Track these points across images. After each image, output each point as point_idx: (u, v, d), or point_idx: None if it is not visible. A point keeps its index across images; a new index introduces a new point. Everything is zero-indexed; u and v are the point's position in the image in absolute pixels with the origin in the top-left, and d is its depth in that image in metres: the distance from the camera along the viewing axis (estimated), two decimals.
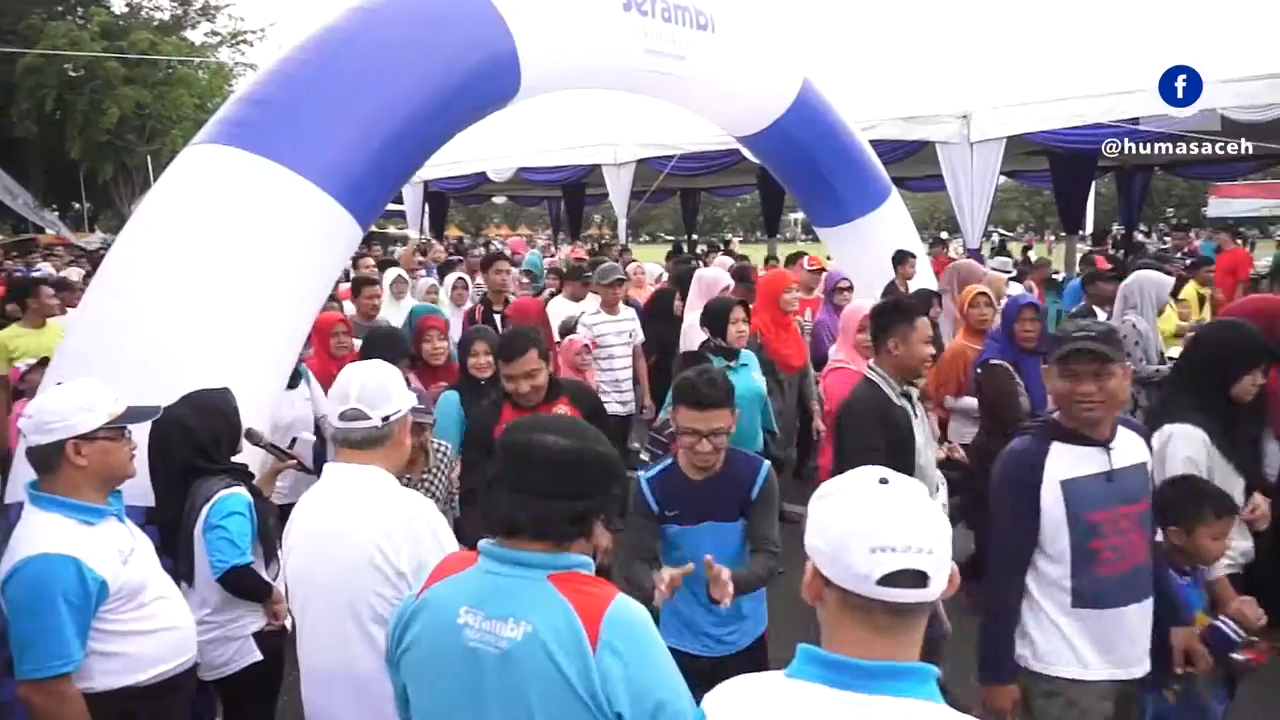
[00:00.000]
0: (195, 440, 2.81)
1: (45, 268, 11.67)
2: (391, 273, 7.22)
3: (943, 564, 1.21)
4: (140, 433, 2.67)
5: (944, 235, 21.31)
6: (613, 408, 5.61)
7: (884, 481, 1.25)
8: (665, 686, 1.59)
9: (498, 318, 6.00)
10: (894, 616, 1.21)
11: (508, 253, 10.56)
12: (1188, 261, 9.56)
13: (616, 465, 1.72)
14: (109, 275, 3.59)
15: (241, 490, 2.80)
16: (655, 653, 1.62)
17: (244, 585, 2.75)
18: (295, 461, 3.38)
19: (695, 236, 21.73)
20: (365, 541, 2.12)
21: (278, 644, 2.90)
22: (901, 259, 7.32)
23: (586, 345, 5.50)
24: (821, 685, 1.23)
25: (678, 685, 1.63)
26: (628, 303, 6.53)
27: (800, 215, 32.22)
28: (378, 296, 6.20)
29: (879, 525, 1.20)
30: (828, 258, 9.14)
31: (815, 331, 6.44)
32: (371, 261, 8.12)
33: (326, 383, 4.23)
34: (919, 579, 1.18)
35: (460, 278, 7.18)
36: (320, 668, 2.21)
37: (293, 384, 4.22)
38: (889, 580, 1.18)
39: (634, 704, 1.54)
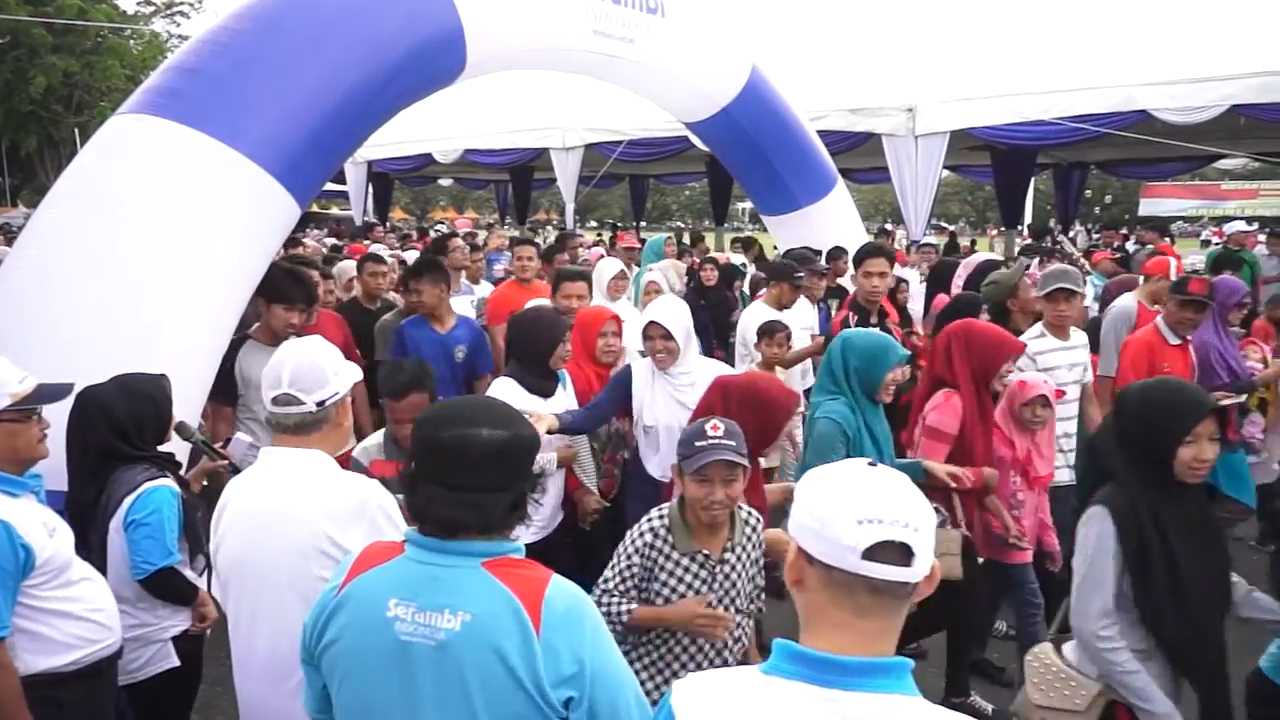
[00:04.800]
0: (115, 421, 2.66)
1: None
2: (610, 265, 5.64)
3: (927, 547, 1.20)
4: (60, 413, 2.55)
5: (889, 226, 21.68)
6: (1061, 474, 4.01)
7: (872, 464, 1.26)
8: (607, 660, 1.58)
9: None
10: (875, 596, 1.20)
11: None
12: (1117, 257, 9.84)
13: (537, 441, 1.70)
14: (26, 251, 3.42)
15: (168, 482, 2.67)
16: (597, 629, 1.61)
17: (169, 588, 2.62)
18: (226, 461, 3.24)
19: (643, 223, 21.74)
20: (308, 523, 2.04)
21: (196, 648, 2.77)
22: (836, 255, 6.81)
23: (1041, 396, 3.68)
24: (800, 683, 1.20)
25: (620, 663, 1.62)
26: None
27: (748, 204, 32.45)
28: (584, 295, 4.75)
29: (867, 498, 1.20)
30: (775, 247, 9.18)
31: (1202, 357, 4.81)
32: (532, 252, 6.01)
33: (586, 391, 3.78)
34: (904, 554, 1.18)
35: (622, 271, 5.44)
36: (261, 657, 2.13)
37: (551, 393, 3.64)
38: (873, 553, 1.17)
39: (579, 679, 1.53)
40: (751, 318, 5.35)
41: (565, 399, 3.71)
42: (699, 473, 2.33)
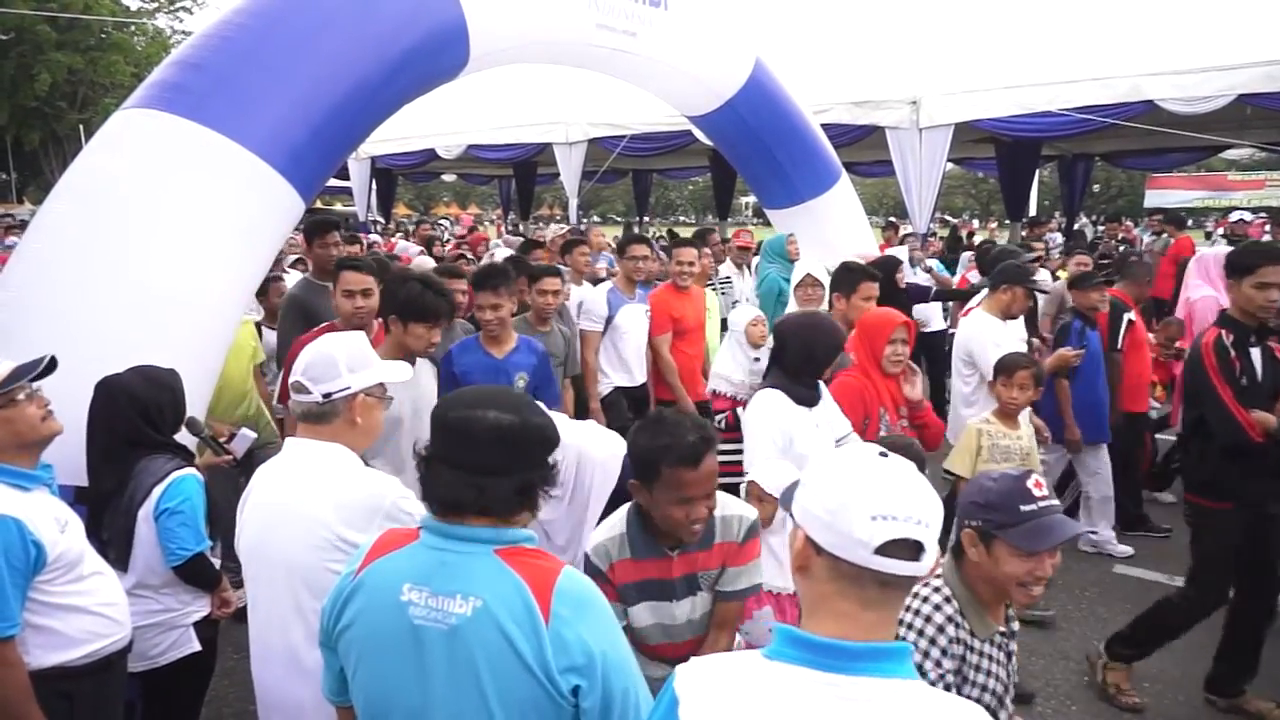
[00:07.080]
0: (142, 407, 2.72)
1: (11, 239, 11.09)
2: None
3: (935, 541, 1.22)
4: (71, 402, 2.57)
5: (893, 219, 21.68)
6: None
7: (884, 455, 1.26)
8: (616, 651, 1.59)
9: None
10: (882, 589, 1.21)
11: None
12: (1121, 249, 9.81)
13: (552, 434, 1.71)
14: (31, 247, 3.43)
15: (193, 471, 2.74)
16: (607, 621, 1.62)
17: (200, 573, 2.69)
18: (231, 457, 3.29)
19: (646, 218, 21.72)
20: (318, 517, 2.07)
21: (212, 636, 2.82)
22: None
23: None
24: (802, 667, 1.21)
25: (628, 653, 1.63)
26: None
27: (752, 199, 32.37)
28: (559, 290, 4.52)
29: (881, 493, 1.20)
30: (724, 240, 8.63)
31: None
32: (693, 256, 5.59)
33: (871, 402, 3.50)
34: (914, 550, 1.19)
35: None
36: (276, 644, 2.16)
37: (815, 402, 3.31)
38: (886, 549, 1.18)
39: (588, 667, 1.54)
40: (975, 330, 4.43)
41: (826, 409, 3.35)
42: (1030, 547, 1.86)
